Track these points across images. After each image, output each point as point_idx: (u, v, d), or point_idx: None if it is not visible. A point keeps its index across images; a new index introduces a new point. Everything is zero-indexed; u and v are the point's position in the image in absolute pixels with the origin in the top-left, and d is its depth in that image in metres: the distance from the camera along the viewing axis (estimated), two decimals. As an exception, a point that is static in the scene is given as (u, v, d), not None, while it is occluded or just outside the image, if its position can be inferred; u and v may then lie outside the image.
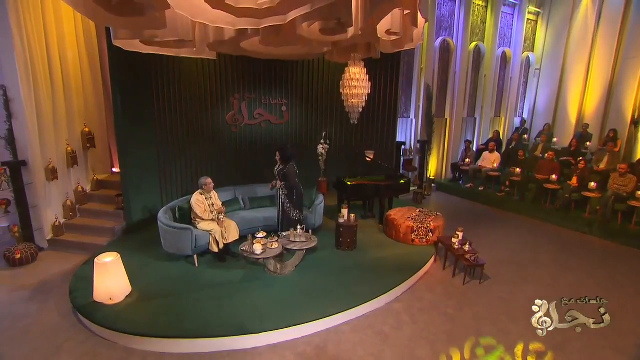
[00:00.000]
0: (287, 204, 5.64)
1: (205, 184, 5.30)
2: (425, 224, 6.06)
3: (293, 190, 5.63)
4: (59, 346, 3.74)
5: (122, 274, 4.29)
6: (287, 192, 5.62)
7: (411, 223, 6.06)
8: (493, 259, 5.99)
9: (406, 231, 6.07)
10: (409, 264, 5.41)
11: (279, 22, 4.44)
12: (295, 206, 5.66)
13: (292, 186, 5.61)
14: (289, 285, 4.76)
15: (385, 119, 8.72)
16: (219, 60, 7.13)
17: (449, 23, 9.93)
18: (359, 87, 6.78)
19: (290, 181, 5.58)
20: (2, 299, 4.63)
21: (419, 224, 6.04)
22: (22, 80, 5.36)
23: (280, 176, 5.61)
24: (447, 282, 5.30)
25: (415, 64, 9.55)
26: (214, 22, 4.47)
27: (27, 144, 5.57)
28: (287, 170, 5.55)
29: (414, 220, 6.16)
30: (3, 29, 5.17)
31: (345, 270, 5.18)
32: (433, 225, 6.06)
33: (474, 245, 5.71)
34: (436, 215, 6.41)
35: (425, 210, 6.65)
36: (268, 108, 7.99)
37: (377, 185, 6.87)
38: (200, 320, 3.95)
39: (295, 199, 5.65)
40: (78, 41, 6.41)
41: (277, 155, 5.69)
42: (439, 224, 6.15)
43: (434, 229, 6.06)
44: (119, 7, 3.95)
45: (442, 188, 10.34)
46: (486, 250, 6.27)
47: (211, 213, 5.27)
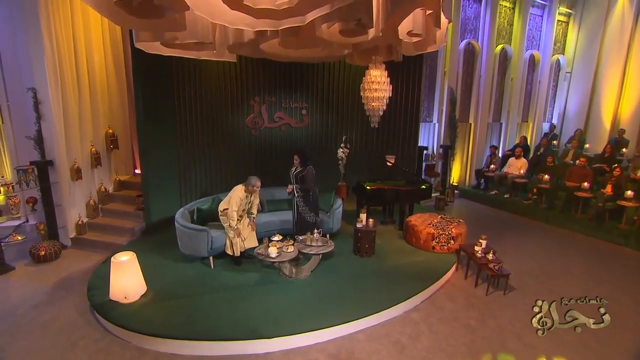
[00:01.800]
0: (302, 207, 5.56)
1: (252, 185, 5.06)
2: (447, 230, 5.85)
3: (309, 193, 5.55)
4: (74, 343, 3.79)
5: (138, 273, 4.32)
6: (303, 195, 5.54)
7: (432, 230, 5.86)
8: (518, 269, 5.70)
9: (427, 238, 5.87)
10: (429, 271, 5.22)
11: (298, 23, 4.39)
12: (311, 209, 5.58)
13: (309, 189, 5.53)
14: (304, 290, 4.67)
15: (407, 123, 8.55)
16: (239, 63, 7.19)
17: (473, 25, 9.68)
18: (380, 90, 6.67)
19: (308, 184, 5.50)
20: (26, 293, 4.76)
21: (440, 231, 5.84)
22: (50, 83, 5.55)
23: (297, 179, 5.53)
24: (469, 292, 5.07)
25: (439, 67, 9.34)
26: (233, 24, 4.47)
27: (54, 145, 5.76)
28: (305, 174, 5.47)
29: (435, 226, 5.96)
30: (35, 34, 5.37)
31: (363, 276, 5.05)
32: (455, 233, 5.84)
33: (498, 254, 5.47)
34: (458, 222, 6.18)
35: (447, 217, 6.43)
36: (288, 111, 7.98)
37: (397, 190, 6.71)
38: (213, 323, 3.91)
39: (311, 201, 5.56)
40: (104, 46, 6.60)
41: (295, 158, 5.62)
42: (461, 231, 5.92)
43: (456, 236, 5.84)
44: (139, 9, 4.01)
45: (465, 195, 10.03)
46: (511, 260, 5.99)
47: (243, 211, 5.14)
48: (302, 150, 5.68)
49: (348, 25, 5.34)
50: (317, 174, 8.05)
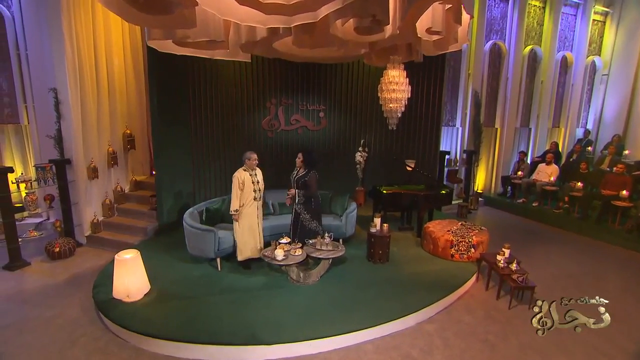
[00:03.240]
0: (304, 214, 5.14)
1: (249, 159, 4.88)
2: (467, 238, 5.49)
3: (311, 200, 5.14)
4: (75, 340, 3.73)
5: (141, 271, 4.25)
6: (305, 202, 5.11)
7: (450, 236, 5.51)
8: (546, 281, 5.26)
9: (445, 245, 5.53)
10: (447, 281, 4.88)
11: (310, 19, 4.26)
12: (313, 217, 5.19)
13: (311, 195, 5.11)
14: (311, 295, 4.45)
15: (428, 126, 8.22)
16: (255, 64, 7.15)
17: (500, 25, 9.26)
18: (398, 90, 6.44)
19: (311, 190, 5.07)
20: (37, 288, 4.80)
21: (459, 238, 5.48)
22: (70, 84, 5.66)
23: (299, 184, 5.10)
24: (489, 304, 4.69)
25: (462, 69, 8.97)
26: (243, 21, 4.39)
27: (72, 144, 5.85)
28: (308, 178, 5.05)
29: (454, 233, 5.61)
30: (56, 35, 5.51)
31: (375, 284, 4.78)
32: (475, 240, 5.46)
33: (523, 265, 5.06)
34: (480, 230, 5.80)
35: (468, 224, 6.06)
36: (305, 114, 7.86)
37: (415, 194, 6.40)
38: (212, 326, 3.76)
39: (313, 208, 5.17)
40: (124, 49, 6.73)
41: (298, 159, 5.15)
42: (483, 239, 5.54)
43: (477, 244, 5.46)
44: (148, 6, 4.00)
45: (490, 202, 9.53)
46: (538, 271, 5.54)
47: (254, 192, 4.88)
48: (309, 152, 5.23)
49: (363, 22, 5.15)
50: (334, 178, 7.97)
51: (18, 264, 5.27)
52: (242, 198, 4.87)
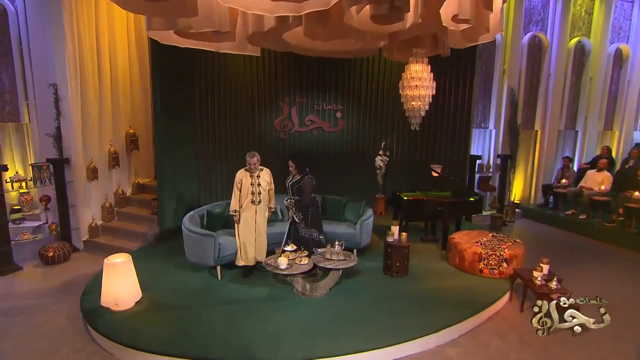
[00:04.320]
0: (301, 223, 5.00)
1: (247, 161, 4.81)
2: (498, 251, 5.16)
3: (308, 208, 4.97)
4: (55, 351, 3.69)
5: (132, 277, 4.20)
6: (302, 209, 4.96)
7: (479, 249, 5.21)
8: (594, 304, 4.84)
9: (472, 259, 5.22)
10: (474, 299, 4.58)
11: (322, 6, 4.16)
12: (312, 225, 5.02)
13: (307, 202, 4.95)
14: (317, 310, 4.27)
15: (457, 128, 7.94)
16: (267, 59, 7.14)
17: (541, 15, 8.92)
18: (421, 87, 6.25)
19: (306, 197, 4.91)
20: (26, 294, 4.85)
21: (489, 251, 5.17)
22: (70, 80, 5.80)
23: (294, 189, 4.97)
24: (524, 328, 4.34)
25: (496, 65, 8.67)
26: (249, 8, 4.36)
27: (71, 142, 5.96)
28: (302, 184, 4.88)
29: (484, 245, 5.29)
30: (57, 28, 5.67)
31: (390, 299, 4.54)
32: (508, 254, 5.13)
33: (565, 283, 4.68)
34: (514, 242, 5.46)
35: (500, 235, 5.73)
36: (321, 114, 7.77)
37: (440, 202, 6.12)
38: (205, 339, 3.64)
39: (311, 217, 4.99)
40: (129, 43, 6.88)
41: (291, 166, 5.02)
42: (517, 253, 5.20)
43: (510, 258, 5.13)
44: (145, -10, 4.02)
45: (529, 214, 9.06)
46: (584, 291, 5.10)
47: (251, 194, 4.81)
48: (298, 155, 5.09)
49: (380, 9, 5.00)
50: (352, 184, 7.78)
51: (9, 268, 5.36)
52: (241, 199, 4.80)
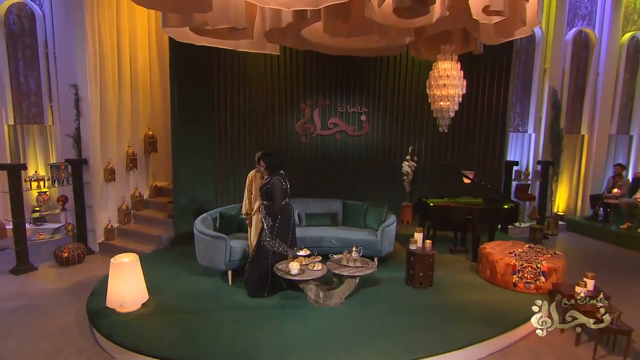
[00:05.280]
0: (267, 231, 4.52)
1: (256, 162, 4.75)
2: (535, 263, 4.83)
3: (277, 215, 4.50)
4: (58, 351, 3.73)
5: (139, 278, 4.21)
6: (272, 215, 4.49)
7: (513, 260, 4.90)
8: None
9: (505, 271, 4.91)
10: (506, 315, 4.28)
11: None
12: (278, 236, 4.53)
13: (278, 208, 4.50)
14: (331, 319, 4.13)
15: (491, 131, 7.61)
16: (289, 60, 7.16)
17: (588, 9, 8.50)
18: (450, 86, 6.04)
19: (275, 201, 4.45)
20: (37, 294, 4.98)
21: (524, 263, 4.84)
22: (90, 80, 6.01)
23: (262, 193, 4.55)
24: (565, 351, 4.01)
25: (536, 63, 8.31)
26: (264, 2, 4.37)
27: (90, 143, 6.15)
28: (270, 186, 4.46)
29: (518, 257, 4.98)
30: (80, 30, 5.91)
31: (411, 311, 4.34)
32: (546, 267, 4.79)
33: (614, 302, 4.30)
34: (554, 254, 5.11)
35: (538, 247, 5.39)
36: (345, 117, 7.69)
37: (469, 209, 5.84)
38: (207, 345, 3.58)
39: (279, 225, 4.52)
40: (150, 47, 7.11)
41: (261, 166, 4.66)
42: (557, 266, 4.85)
43: (548, 271, 4.79)
44: (158, -15, 4.10)
45: (574, 227, 8.52)
46: (637, 312, 4.70)
47: None
48: (269, 154, 4.72)
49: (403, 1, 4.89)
50: (377, 191, 7.59)
51: (24, 268, 5.53)
52: (252, 202, 4.81)
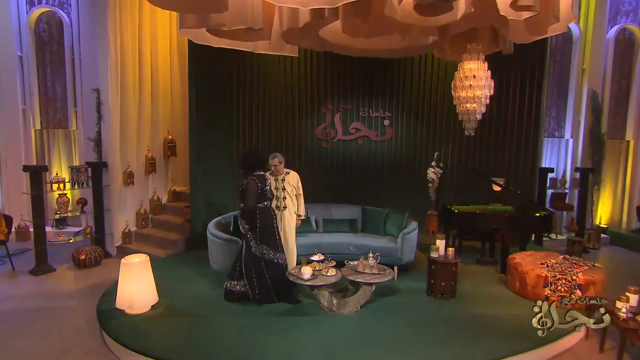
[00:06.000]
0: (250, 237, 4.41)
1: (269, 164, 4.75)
2: (570, 275, 4.55)
3: (255, 217, 4.39)
4: (66, 351, 3.78)
5: (149, 280, 4.25)
6: (246, 218, 4.39)
7: (544, 271, 4.63)
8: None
9: (536, 283, 4.64)
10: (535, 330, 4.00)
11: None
12: (263, 241, 4.41)
13: (251, 209, 4.37)
14: (343, 328, 4.01)
15: (522, 136, 7.32)
16: (310, 62, 7.20)
17: (633, 4, 8.09)
18: (477, 87, 5.87)
19: (247, 203, 4.34)
20: (52, 295, 5.12)
21: (557, 274, 4.57)
22: (111, 85, 6.24)
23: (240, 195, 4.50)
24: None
25: (574, 64, 7.99)
26: (280, 1, 4.40)
27: (110, 146, 6.35)
28: (244, 186, 4.38)
29: (551, 268, 4.70)
30: (102, 35, 6.15)
31: (431, 323, 4.16)
32: (583, 279, 4.50)
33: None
34: (591, 267, 4.79)
35: (574, 258, 5.09)
36: (367, 122, 7.63)
37: (497, 216, 5.60)
38: (212, 350, 3.55)
39: (260, 229, 4.39)
40: (171, 52, 7.36)
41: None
42: (596, 279, 4.54)
43: (585, 284, 4.49)
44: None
45: (619, 241, 8.03)
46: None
47: (275, 199, 4.74)
48: (244, 154, 4.67)
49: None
50: (401, 198, 7.41)
51: (43, 269, 5.71)
52: None
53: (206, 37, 5.42)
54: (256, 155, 4.59)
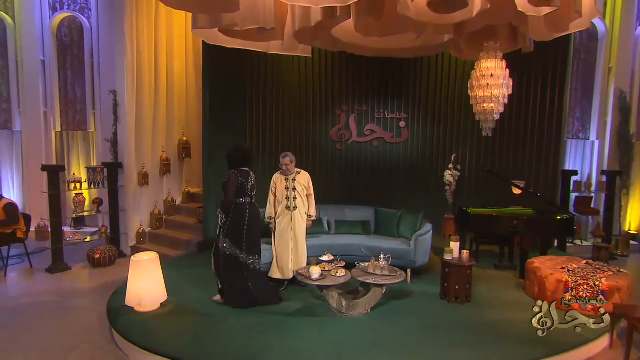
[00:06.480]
0: (222, 233, 4.39)
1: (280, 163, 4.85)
2: (592, 280, 4.36)
3: (229, 212, 4.36)
4: (76, 347, 3.85)
5: (158, 278, 4.29)
6: (225, 210, 4.38)
7: (565, 276, 4.46)
8: None
9: (556, 288, 4.47)
10: (554, 338, 3.84)
11: (370, -7, 4.08)
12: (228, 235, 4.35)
13: (229, 203, 4.34)
14: (352, 330, 3.96)
15: (544, 138, 7.09)
16: (324, 63, 7.21)
17: (661, 0, 7.83)
18: (494, 86, 5.75)
19: (226, 195, 4.32)
20: (66, 292, 5.24)
21: (579, 279, 4.39)
22: (127, 87, 6.38)
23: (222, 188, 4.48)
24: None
25: (599, 62, 7.72)
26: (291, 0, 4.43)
27: (125, 147, 6.48)
28: (225, 181, 4.38)
29: (572, 273, 4.52)
30: (119, 38, 6.31)
31: (443, 326, 4.05)
32: (607, 285, 4.31)
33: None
34: (617, 272, 4.59)
35: (598, 263, 4.88)
36: (382, 123, 7.58)
37: (515, 218, 5.44)
38: (218, 348, 3.55)
39: (230, 224, 4.35)
40: (187, 54, 7.49)
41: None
42: (621, 285, 4.34)
43: (609, 290, 4.29)
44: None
45: (649, 248, 7.71)
46: None
47: (286, 200, 4.78)
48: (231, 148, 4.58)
49: (438, -7, 4.76)
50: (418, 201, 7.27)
51: (59, 267, 5.85)
52: (276, 206, 4.85)
53: (219, 37, 5.48)
54: (240, 152, 4.53)
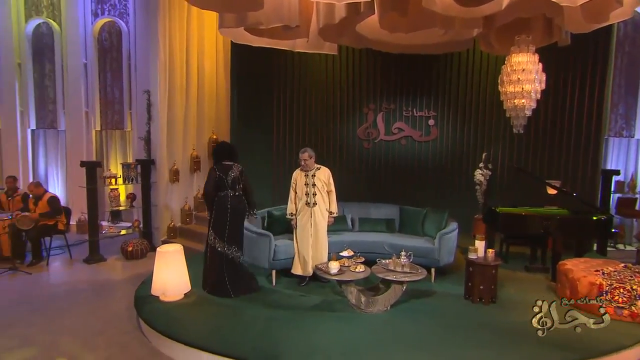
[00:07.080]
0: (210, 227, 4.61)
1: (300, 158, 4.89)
2: (630, 284, 4.12)
3: (211, 204, 4.58)
4: (104, 331, 4.05)
5: (182, 268, 4.42)
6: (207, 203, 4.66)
7: (599, 279, 4.23)
8: None
9: (588, 291, 4.24)
10: (584, 342, 3.65)
11: (391, -14, 4.06)
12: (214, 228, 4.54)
13: (207, 196, 4.61)
14: (371, 327, 3.93)
15: (582, 135, 6.76)
16: (352, 61, 7.22)
17: None
18: (526, 81, 5.54)
19: (205, 189, 4.64)
20: (100, 281, 5.56)
21: (614, 283, 4.16)
22: (160, 86, 6.65)
23: None
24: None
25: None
26: (311, -6, 4.47)
27: (158, 145, 6.73)
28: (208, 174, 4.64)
29: (607, 276, 4.29)
30: (153, 39, 6.58)
31: (465, 326, 3.95)
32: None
33: None
34: (658, 276, 4.31)
35: (637, 267, 4.60)
36: (411, 121, 7.48)
37: (546, 218, 5.22)
38: (237, 339, 3.62)
39: (214, 217, 4.55)
40: (217, 54, 7.70)
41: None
42: (661, 290, 4.08)
43: (647, 294, 4.05)
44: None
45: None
46: None
47: (306, 196, 4.82)
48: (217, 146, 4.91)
49: (464, -14, 4.66)
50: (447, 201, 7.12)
51: (95, 259, 6.17)
52: (296, 202, 4.88)
53: (246, 36, 5.59)
54: (220, 147, 4.82)
